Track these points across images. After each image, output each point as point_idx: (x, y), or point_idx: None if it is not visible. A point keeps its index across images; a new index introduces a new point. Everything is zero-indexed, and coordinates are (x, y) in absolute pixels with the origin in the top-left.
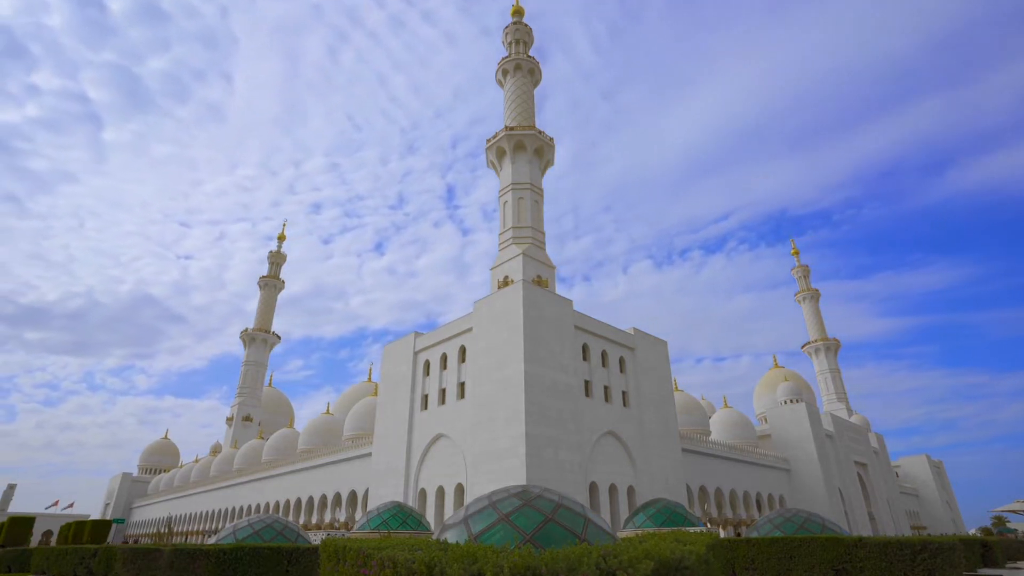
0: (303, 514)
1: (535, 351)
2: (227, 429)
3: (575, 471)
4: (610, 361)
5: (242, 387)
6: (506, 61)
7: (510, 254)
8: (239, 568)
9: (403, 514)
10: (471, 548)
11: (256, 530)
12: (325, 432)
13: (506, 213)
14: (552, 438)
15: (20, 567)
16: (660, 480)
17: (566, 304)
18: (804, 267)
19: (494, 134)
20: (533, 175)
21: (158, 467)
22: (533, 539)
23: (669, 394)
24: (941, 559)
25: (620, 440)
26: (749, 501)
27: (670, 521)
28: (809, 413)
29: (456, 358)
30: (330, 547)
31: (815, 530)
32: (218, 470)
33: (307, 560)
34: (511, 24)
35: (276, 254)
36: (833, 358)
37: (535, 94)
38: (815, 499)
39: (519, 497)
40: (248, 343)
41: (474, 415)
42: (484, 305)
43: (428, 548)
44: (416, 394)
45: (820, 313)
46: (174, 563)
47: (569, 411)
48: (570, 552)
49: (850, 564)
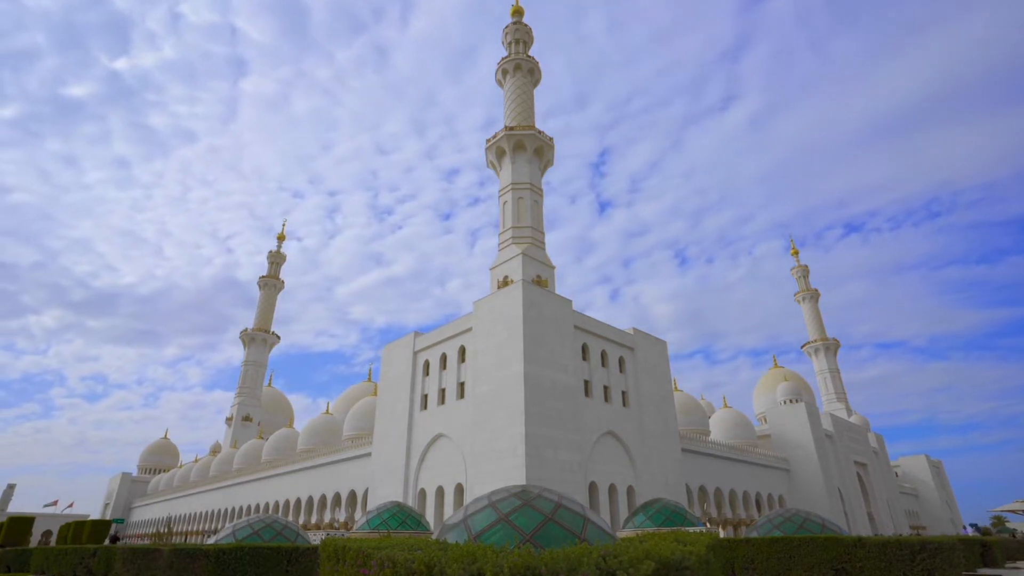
0: (303, 514)
1: (535, 351)
2: (227, 429)
3: (575, 471)
4: (610, 361)
5: (242, 387)
6: (506, 61)
7: (510, 254)
8: (239, 568)
9: (403, 514)
10: (471, 548)
11: (256, 530)
12: (325, 432)
13: (506, 213)
14: (552, 438)
15: (20, 567)
16: (660, 480)
17: (566, 304)
18: (803, 267)
19: (494, 134)
20: (533, 175)
21: (158, 467)
22: (533, 539)
23: (669, 394)
24: (940, 559)
25: (620, 440)
26: (749, 501)
27: (670, 521)
28: (809, 413)
29: (456, 358)
30: (330, 547)
31: (815, 530)
32: (218, 470)
33: (307, 560)
34: (511, 24)
35: (276, 254)
36: (832, 358)
37: (534, 93)
38: (815, 499)
39: (519, 497)
40: (248, 343)
41: (474, 415)
42: (484, 305)
43: (428, 548)
44: (416, 394)
45: (819, 313)
46: (174, 563)
47: (569, 411)
48: (570, 552)
49: (850, 564)
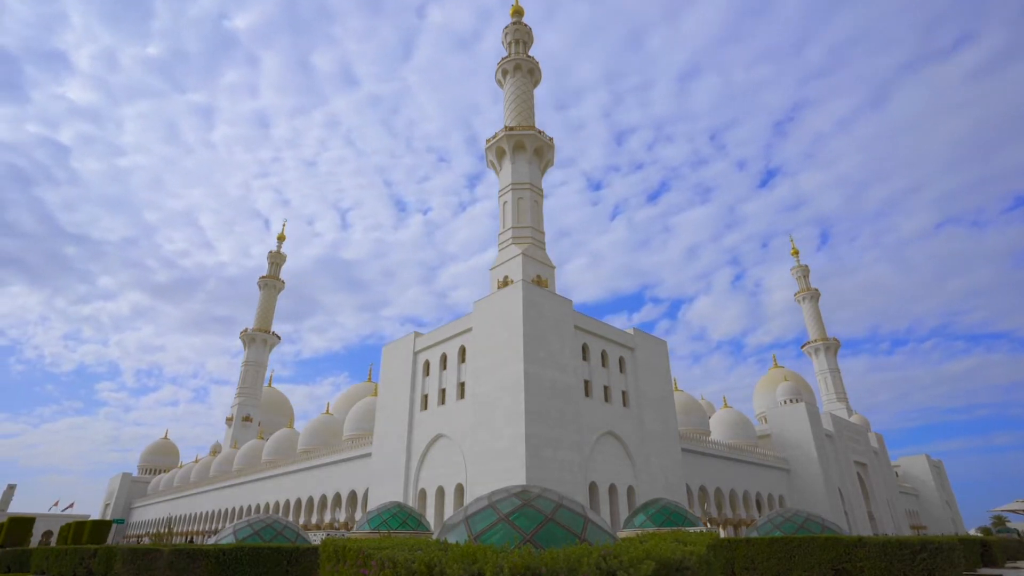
0: (303, 514)
1: (535, 351)
2: (227, 429)
3: (575, 471)
4: (610, 361)
5: (242, 387)
6: (506, 61)
7: (510, 254)
8: (239, 568)
9: (403, 514)
10: (471, 548)
11: (256, 530)
12: (325, 432)
13: (506, 213)
14: (552, 438)
15: (20, 567)
16: (660, 480)
17: (566, 304)
18: (804, 267)
19: (494, 134)
20: (533, 175)
21: (158, 467)
22: (533, 539)
23: (669, 394)
24: (941, 559)
25: (620, 440)
26: (749, 501)
27: (670, 521)
28: (809, 413)
29: (456, 358)
30: (330, 547)
31: (815, 530)
32: (218, 470)
33: (307, 560)
34: (511, 24)
35: (276, 254)
36: (833, 358)
37: (535, 94)
38: (815, 499)
39: (519, 497)
40: (248, 343)
41: (474, 415)
42: (484, 305)
43: (428, 548)
44: (416, 394)
45: (820, 313)
46: (174, 563)
47: (569, 411)
48: (570, 552)
49: (850, 564)
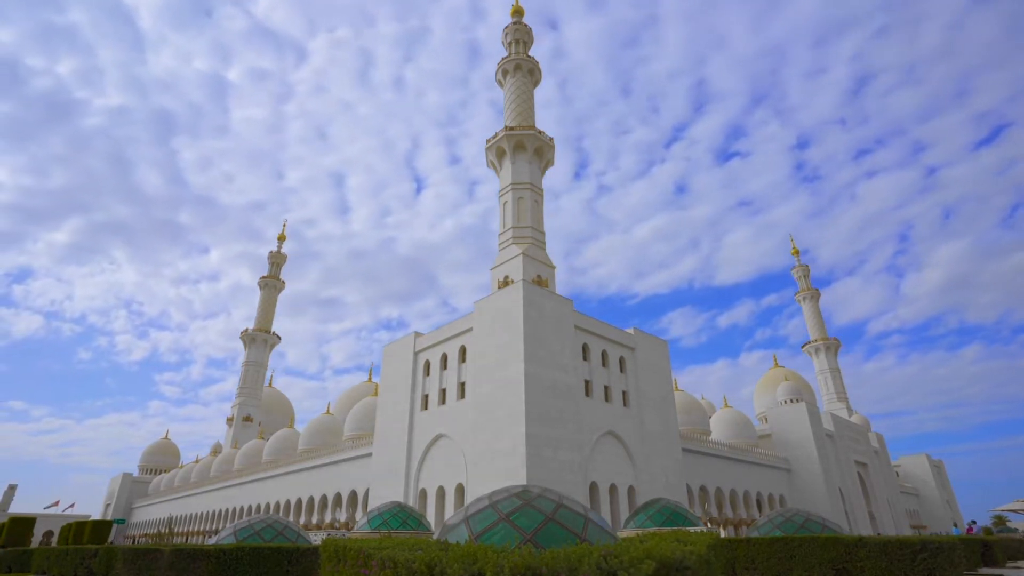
0: (303, 514)
1: (535, 351)
2: (227, 429)
3: (575, 471)
4: (610, 361)
5: (242, 387)
6: (506, 61)
7: (510, 254)
8: (239, 568)
9: (403, 514)
10: (472, 548)
11: (256, 530)
12: (325, 432)
13: (506, 213)
14: (552, 438)
15: (21, 567)
16: (660, 480)
17: (566, 304)
18: (804, 267)
19: (494, 134)
20: (533, 175)
21: (158, 467)
22: (533, 539)
23: (669, 394)
24: (941, 558)
25: (620, 440)
26: (749, 501)
27: (670, 521)
28: (809, 413)
29: (456, 358)
30: (330, 547)
31: (815, 530)
32: (218, 470)
33: (307, 560)
34: (511, 24)
35: (276, 254)
36: (833, 358)
37: (534, 93)
38: (815, 499)
39: (519, 497)
40: (248, 343)
41: (474, 415)
42: (484, 305)
43: (429, 548)
44: (416, 394)
45: (820, 313)
46: (174, 563)
47: (569, 411)
48: (571, 552)
49: (850, 564)
